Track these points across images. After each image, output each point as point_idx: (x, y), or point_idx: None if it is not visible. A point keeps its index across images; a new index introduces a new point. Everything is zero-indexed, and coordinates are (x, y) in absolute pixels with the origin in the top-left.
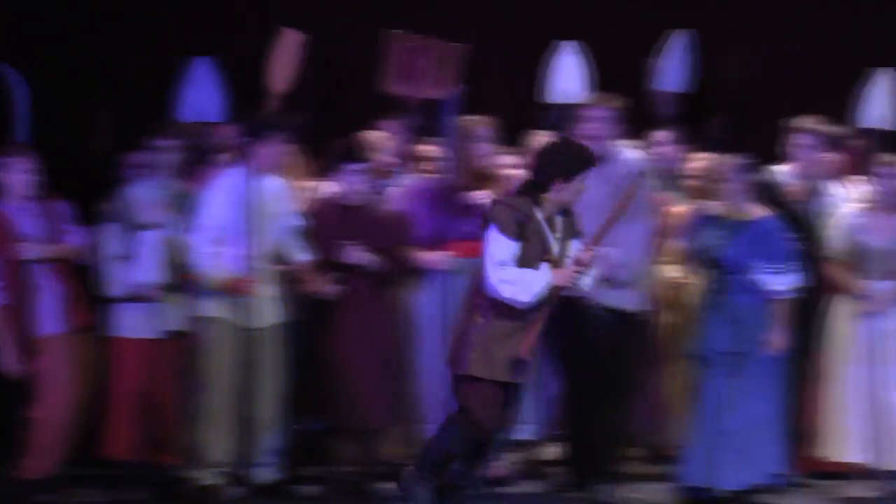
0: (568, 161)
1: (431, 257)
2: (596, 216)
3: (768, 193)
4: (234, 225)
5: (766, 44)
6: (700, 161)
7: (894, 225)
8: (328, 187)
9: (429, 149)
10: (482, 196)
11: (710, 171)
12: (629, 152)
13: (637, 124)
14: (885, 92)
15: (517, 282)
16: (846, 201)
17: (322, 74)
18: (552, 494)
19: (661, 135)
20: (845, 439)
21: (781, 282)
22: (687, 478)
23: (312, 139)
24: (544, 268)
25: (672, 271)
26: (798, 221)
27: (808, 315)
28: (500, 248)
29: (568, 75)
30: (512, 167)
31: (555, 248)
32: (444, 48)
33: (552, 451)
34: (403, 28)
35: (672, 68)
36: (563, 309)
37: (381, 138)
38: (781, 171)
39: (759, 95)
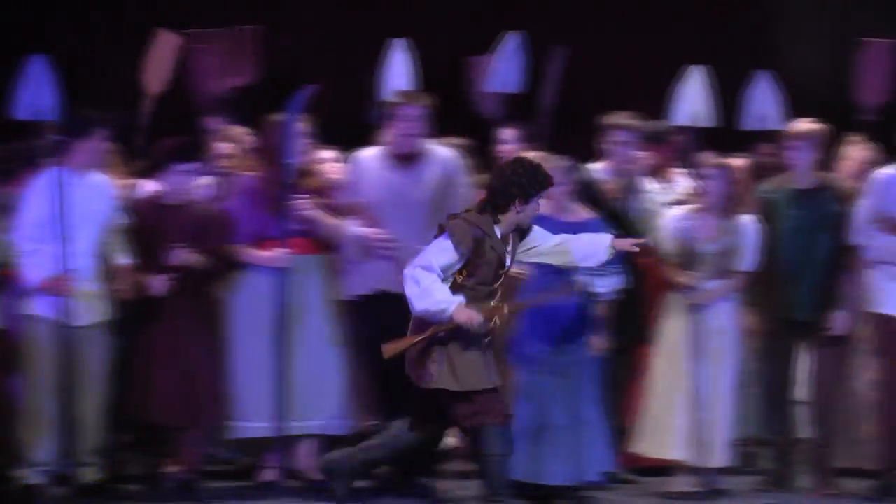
0: (528, 182)
1: (266, 254)
2: (407, 215)
3: (587, 192)
4: (54, 223)
5: (586, 42)
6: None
7: (721, 226)
8: (150, 186)
9: (250, 145)
10: (304, 196)
11: None
12: (442, 150)
13: (465, 122)
14: (699, 88)
15: (424, 288)
16: (663, 198)
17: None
18: (375, 490)
19: (505, 133)
20: (668, 436)
21: (604, 284)
22: (512, 473)
23: (131, 138)
24: (457, 298)
25: None
26: (616, 219)
27: (630, 313)
28: (439, 255)
29: (397, 73)
30: (331, 163)
31: (507, 264)
32: (237, 36)
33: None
34: (235, 28)
35: (503, 69)
36: (380, 303)
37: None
38: (597, 169)
39: (581, 93)
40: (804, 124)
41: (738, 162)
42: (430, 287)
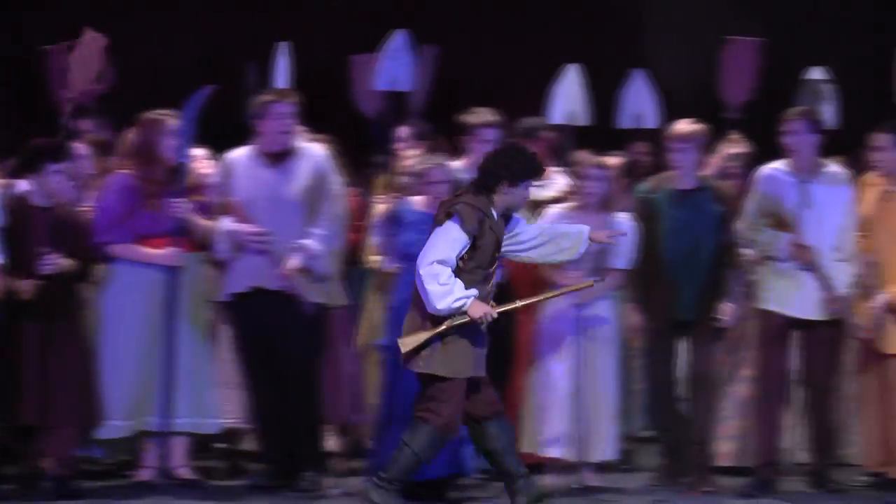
0: (516, 166)
1: (153, 252)
2: (280, 212)
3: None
4: None
5: (465, 41)
6: (408, 158)
7: (600, 223)
8: (22, 186)
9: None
10: (179, 196)
11: (412, 168)
12: (313, 148)
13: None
14: (575, 87)
15: (444, 285)
16: (537, 195)
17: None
18: (255, 488)
19: (402, 130)
20: (547, 433)
21: None
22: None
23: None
24: (472, 292)
25: (377, 263)
26: None
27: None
28: (452, 243)
29: (280, 75)
30: (202, 161)
31: (501, 247)
32: (86, 43)
33: (249, 445)
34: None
35: (390, 67)
36: (256, 300)
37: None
38: (459, 168)
39: (460, 92)
40: (687, 125)
41: (613, 161)
42: (450, 283)
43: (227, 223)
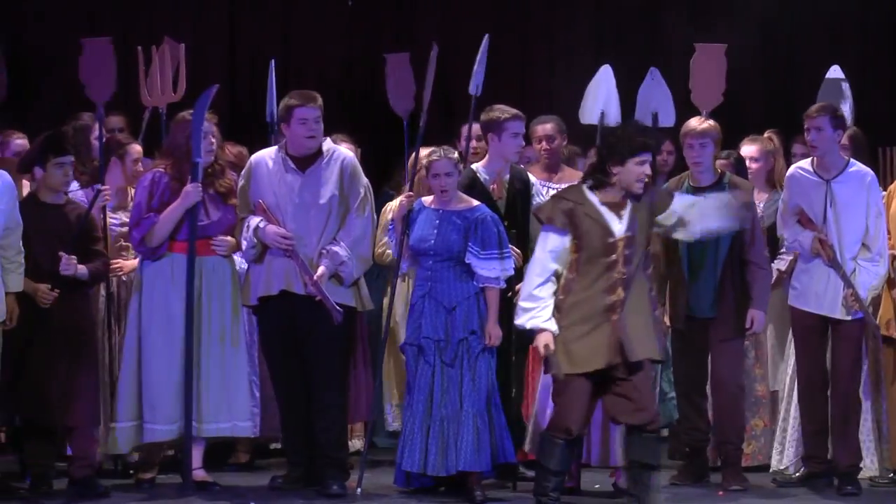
0: (620, 145)
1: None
2: (307, 216)
3: (471, 187)
4: None
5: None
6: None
7: None
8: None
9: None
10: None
11: (423, 164)
12: (340, 151)
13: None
14: (609, 87)
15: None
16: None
17: None
18: (280, 490)
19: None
20: None
21: (494, 270)
22: (405, 464)
23: None
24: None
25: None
26: (502, 214)
27: None
28: (543, 241)
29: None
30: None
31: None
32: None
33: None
34: None
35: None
36: (291, 304)
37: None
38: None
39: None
40: (700, 122)
41: None
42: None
43: (256, 222)
